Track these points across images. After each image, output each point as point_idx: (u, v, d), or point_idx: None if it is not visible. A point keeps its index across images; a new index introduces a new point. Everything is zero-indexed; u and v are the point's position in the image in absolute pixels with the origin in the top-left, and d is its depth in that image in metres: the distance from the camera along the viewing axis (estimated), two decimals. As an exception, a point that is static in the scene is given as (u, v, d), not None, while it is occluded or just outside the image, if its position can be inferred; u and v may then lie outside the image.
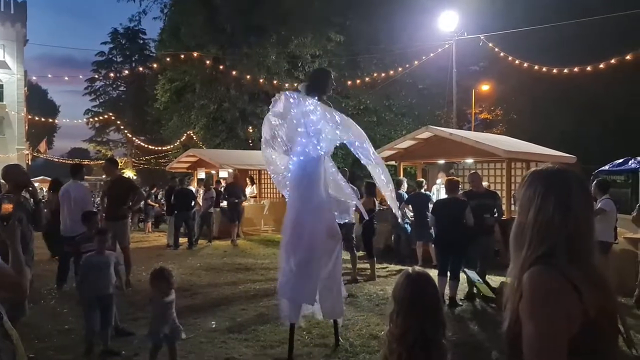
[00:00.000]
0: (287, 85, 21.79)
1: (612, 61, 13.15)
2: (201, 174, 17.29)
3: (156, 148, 32.82)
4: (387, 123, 24.20)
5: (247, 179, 17.04)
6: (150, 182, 25.83)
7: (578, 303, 1.40)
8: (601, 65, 13.28)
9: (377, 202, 9.07)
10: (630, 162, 10.93)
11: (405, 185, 10.29)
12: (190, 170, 17.91)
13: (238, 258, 10.93)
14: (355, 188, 8.68)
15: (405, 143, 11.97)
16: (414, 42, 19.75)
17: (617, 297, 1.59)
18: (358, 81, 20.01)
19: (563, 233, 1.49)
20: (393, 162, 12.63)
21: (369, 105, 24.25)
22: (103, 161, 16.07)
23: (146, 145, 34.86)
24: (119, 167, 10.54)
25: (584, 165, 9.72)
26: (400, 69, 19.32)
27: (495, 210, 7.52)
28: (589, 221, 1.55)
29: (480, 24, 18.22)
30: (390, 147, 12.25)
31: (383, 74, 19.46)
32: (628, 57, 12.82)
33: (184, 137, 26.98)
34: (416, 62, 18.93)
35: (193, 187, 14.59)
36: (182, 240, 12.83)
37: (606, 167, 11.02)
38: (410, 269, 2.52)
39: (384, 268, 9.42)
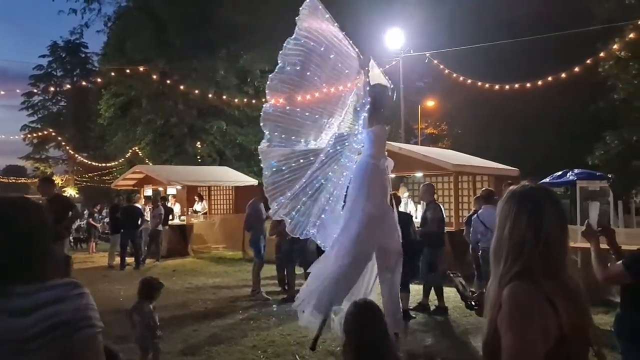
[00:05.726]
0: (236, 100, 21.67)
1: (549, 79, 13.86)
2: (148, 191, 16.83)
3: (100, 165, 31.70)
4: (337, 138, 24.37)
5: (196, 195, 16.79)
6: (93, 201, 24.84)
7: (554, 318, 1.47)
8: (539, 82, 13.99)
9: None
10: (568, 174, 11.49)
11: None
12: (136, 188, 17.39)
13: (188, 277, 10.64)
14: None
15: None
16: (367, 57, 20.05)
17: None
18: (308, 96, 20.08)
19: (537, 249, 1.55)
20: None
21: (318, 121, 24.36)
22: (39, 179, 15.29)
23: (89, 162, 33.58)
24: (59, 185, 10.06)
25: (527, 177, 10.13)
26: (349, 85, 19.58)
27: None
28: (562, 237, 1.61)
29: (425, 41, 18.78)
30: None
31: (332, 89, 19.62)
32: (563, 75, 13.58)
33: (129, 154, 26.22)
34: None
35: (140, 205, 14.15)
36: (129, 260, 12.38)
37: (547, 180, 11.53)
38: (357, 300, 2.69)
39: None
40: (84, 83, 28.97)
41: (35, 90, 42.75)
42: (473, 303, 2.07)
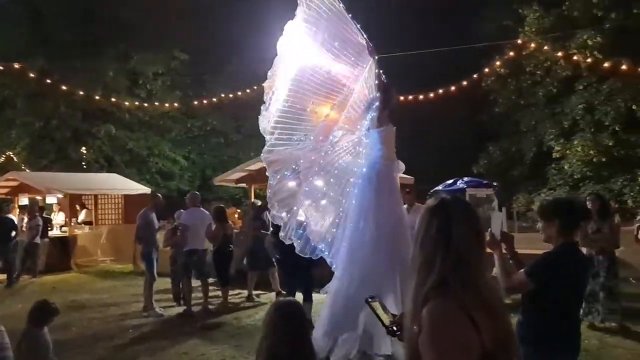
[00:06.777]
0: (127, 103, 20.45)
1: (440, 91, 14.67)
2: (23, 200, 15.23)
3: (-35, 171, 28.33)
4: (236, 145, 23.99)
5: (78, 205, 15.53)
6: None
7: (475, 334, 1.44)
8: (431, 95, 14.74)
9: (230, 227, 8.70)
10: (458, 182, 12.16)
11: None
12: (9, 196, 15.66)
13: (71, 294, 9.68)
14: (207, 213, 8.29)
15: (256, 165, 11.80)
16: (267, 64, 19.83)
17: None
18: (205, 101, 19.47)
19: (449, 261, 1.50)
20: (244, 185, 12.51)
21: (216, 127, 23.84)
22: None
23: (-48, 168, 29.89)
24: None
25: (422, 185, 10.53)
26: (248, 90, 19.22)
27: None
28: (473, 247, 1.56)
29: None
30: (241, 169, 12.10)
31: (231, 95, 19.13)
32: (452, 88, 14.44)
33: (1, 159, 23.66)
34: (265, 84, 19.00)
35: (14, 215, 12.71)
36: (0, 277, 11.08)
37: (440, 187, 12.08)
38: (280, 299, 2.58)
39: (237, 294, 9.04)
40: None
41: None
42: (395, 328, 1.93)
